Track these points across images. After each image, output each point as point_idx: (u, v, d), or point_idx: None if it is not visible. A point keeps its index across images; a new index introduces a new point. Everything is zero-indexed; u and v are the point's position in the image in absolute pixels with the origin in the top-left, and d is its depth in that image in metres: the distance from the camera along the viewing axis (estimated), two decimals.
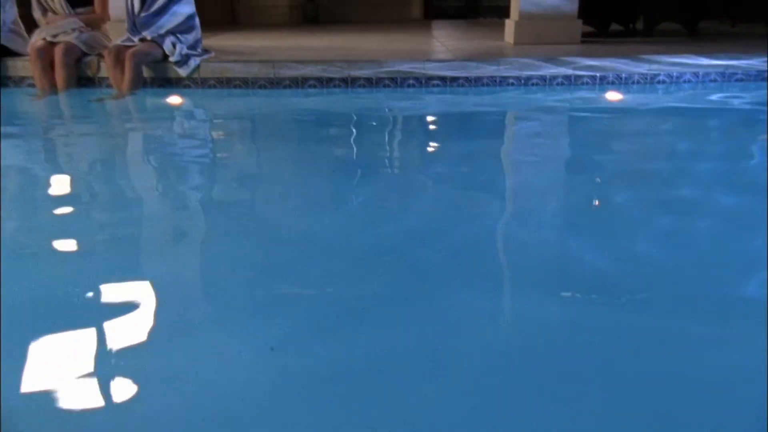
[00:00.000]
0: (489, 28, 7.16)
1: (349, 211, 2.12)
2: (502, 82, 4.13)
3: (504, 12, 8.80)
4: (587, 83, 4.14)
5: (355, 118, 3.69)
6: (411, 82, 4.14)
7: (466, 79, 4.12)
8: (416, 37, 6.12)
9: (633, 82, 4.15)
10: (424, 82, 4.14)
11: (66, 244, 1.82)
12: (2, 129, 3.39)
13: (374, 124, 3.54)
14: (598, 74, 4.13)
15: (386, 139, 3.21)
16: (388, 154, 2.94)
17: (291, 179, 2.54)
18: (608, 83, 4.14)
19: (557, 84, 4.14)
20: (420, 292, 1.48)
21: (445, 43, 5.41)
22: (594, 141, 3.12)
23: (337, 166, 2.72)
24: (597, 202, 2.16)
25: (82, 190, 2.43)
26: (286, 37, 6.02)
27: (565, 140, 3.23)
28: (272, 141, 3.24)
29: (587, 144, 3.09)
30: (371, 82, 4.15)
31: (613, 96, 4.01)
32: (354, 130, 3.40)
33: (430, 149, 3.05)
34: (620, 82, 4.16)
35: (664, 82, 4.17)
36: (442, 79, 4.13)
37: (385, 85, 4.15)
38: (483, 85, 4.13)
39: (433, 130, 3.44)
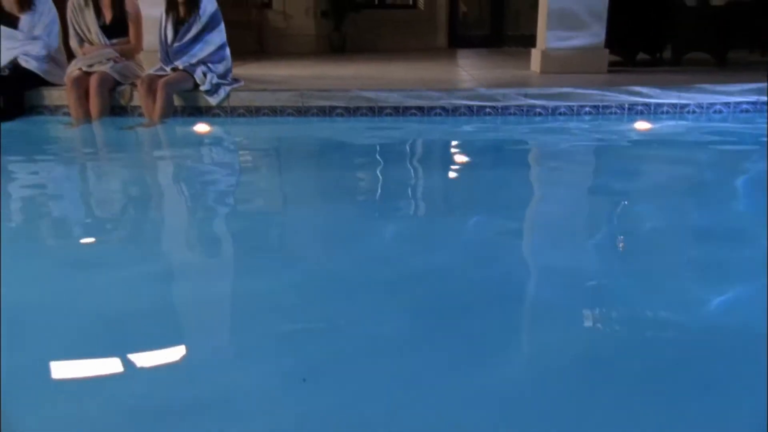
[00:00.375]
0: (514, 57, 7.18)
1: (377, 242, 2.10)
2: (529, 111, 4.12)
3: (529, 41, 8.86)
4: (616, 113, 4.11)
5: (382, 147, 3.70)
6: (438, 111, 4.15)
7: (494, 108, 4.12)
8: (442, 66, 6.16)
9: (662, 112, 4.12)
10: (451, 111, 4.15)
11: (93, 270, 1.83)
12: (37, 156, 3.50)
13: (402, 153, 3.55)
14: (626, 104, 4.11)
15: (415, 168, 3.21)
16: (416, 184, 2.93)
17: (319, 209, 2.54)
18: (637, 113, 4.11)
19: (585, 113, 4.12)
20: (452, 326, 1.45)
21: (471, 72, 5.43)
22: (628, 171, 3.07)
23: (366, 195, 2.72)
24: (630, 237, 2.13)
25: (111, 217, 2.46)
26: (313, 66, 6.11)
27: (598, 170, 3.19)
28: (300, 170, 3.26)
29: (621, 174, 3.04)
30: (398, 111, 4.17)
31: (642, 126, 3.97)
32: (382, 159, 3.41)
33: (458, 179, 3.04)
34: (649, 111, 4.12)
35: (694, 111, 4.12)
36: (469, 108, 4.14)
37: (411, 114, 4.16)
38: (510, 114, 4.12)
39: (461, 160, 3.43)
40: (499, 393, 1.20)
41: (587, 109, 4.11)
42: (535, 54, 5.29)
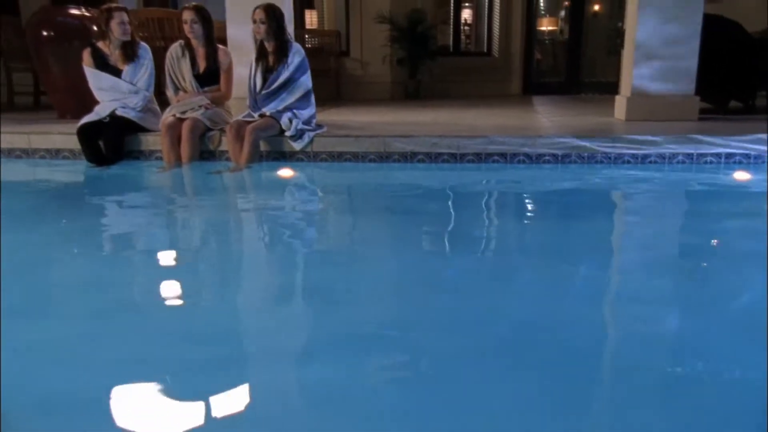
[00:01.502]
0: (593, 104, 7.04)
1: (458, 291, 2.04)
2: (617, 159, 3.99)
3: (607, 88, 8.73)
4: (711, 162, 3.92)
5: (465, 193, 3.66)
6: (521, 158, 4.08)
7: (579, 155, 4.02)
8: (520, 113, 6.11)
9: (763, 161, 3.89)
10: (535, 158, 4.07)
11: (177, 309, 1.87)
12: (130, 199, 3.66)
13: (486, 200, 3.49)
14: (723, 152, 3.91)
15: (500, 215, 3.14)
16: (503, 232, 2.86)
17: (403, 256, 2.49)
18: (735, 162, 3.90)
19: (677, 162, 3.95)
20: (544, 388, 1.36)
21: (552, 119, 5.35)
22: (730, 224, 2.89)
23: (452, 243, 2.66)
24: (738, 298, 1.97)
25: (197, 258, 2.51)
26: (390, 112, 6.18)
27: (697, 222, 3.02)
28: (383, 215, 3.24)
29: (722, 227, 2.87)
30: (480, 158, 4.13)
31: (742, 176, 3.76)
32: (465, 206, 3.36)
33: (544, 228, 2.93)
34: (748, 161, 3.91)
35: None
36: (554, 155, 4.05)
37: (494, 161, 4.11)
38: (597, 162, 4.00)
39: (549, 208, 3.33)
40: None
41: (680, 157, 3.95)
42: (620, 101, 5.16)
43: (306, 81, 4.25)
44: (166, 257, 2.49)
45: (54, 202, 3.66)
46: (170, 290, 2.06)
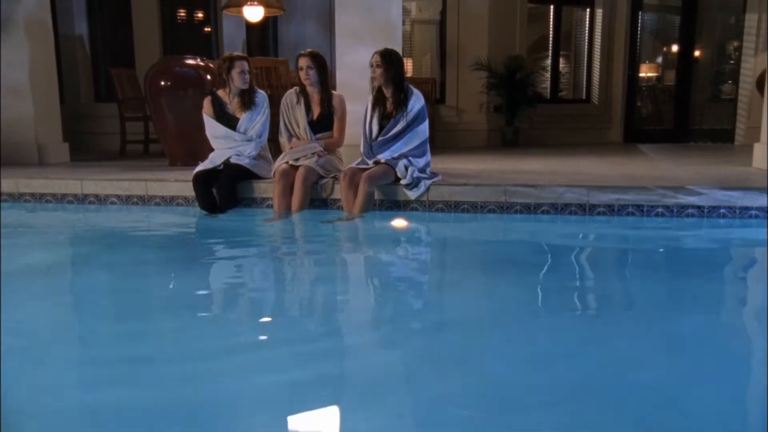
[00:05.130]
0: (712, 153, 6.55)
1: (587, 355, 1.83)
2: None
3: (720, 136, 8.17)
4: None
5: (598, 249, 3.37)
6: (660, 210, 3.72)
7: (730, 208, 3.61)
8: (639, 161, 5.72)
9: None
10: (676, 211, 3.70)
11: (283, 359, 1.85)
12: (241, 245, 3.61)
13: (625, 258, 3.18)
14: None
15: (648, 278, 2.80)
16: (648, 295, 2.52)
17: (528, 321, 2.24)
18: None
19: None
20: None
21: (683, 168, 4.94)
22: None
23: (584, 307, 2.42)
24: None
25: (305, 308, 2.46)
26: (496, 160, 5.94)
27: None
28: (506, 272, 2.96)
29: None
30: (612, 210, 3.79)
31: None
32: (599, 264, 3.11)
33: (700, 294, 2.54)
34: None
35: None
36: (699, 208, 3.66)
37: (628, 213, 3.77)
38: (751, 216, 3.58)
39: (701, 270, 2.95)
40: None
41: None
42: (758, 149, 4.70)
43: (424, 129, 4.09)
44: (274, 311, 2.45)
45: (173, 250, 3.64)
46: (278, 341, 2.04)
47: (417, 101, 4.05)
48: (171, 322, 2.27)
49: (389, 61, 4.02)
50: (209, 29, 8.62)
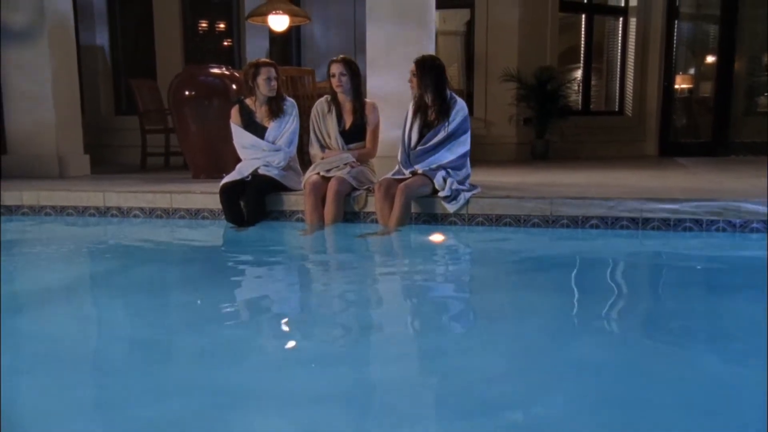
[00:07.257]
0: (756, 167, 6.21)
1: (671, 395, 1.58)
2: None
3: (760, 148, 7.81)
4: None
5: (652, 266, 3.12)
6: (721, 225, 3.43)
7: None
8: (686, 175, 5.43)
9: None
10: (739, 226, 3.41)
11: (317, 380, 1.73)
12: (272, 261, 3.44)
13: (682, 276, 2.92)
14: None
15: (708, 298, 2.55)
16: (725, 324, 2.25)
17: (574, 341, 2.04)
18: None
19: None
20: None
21: (743, 182, 4.65)
22: None
23: (639, 330, 2.19)
24: None
25: (339, 328, 2.27)
26: (529, 174, 5.68)
27: None
28: (553, 290, 2.71)
29: None
30: (668, 224, 3.52)
31: None
32: (654, 282, 2.90)
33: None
34: None
35: None
36: (764, 223, 3.37)
37: (685, 228, 3.49)
38: None
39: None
40: None
41: None
42: None
43: (466, 141, 3.86)
44: (305, 329, 2.29)
45: (202, 263, 3.45)
46: (312, 357, 1.93)
47: (461, 111, 3.83)
48: (202, 338, 2.10)
49: (424, 67, 3.81)
50: (231, 39, 8.51)
